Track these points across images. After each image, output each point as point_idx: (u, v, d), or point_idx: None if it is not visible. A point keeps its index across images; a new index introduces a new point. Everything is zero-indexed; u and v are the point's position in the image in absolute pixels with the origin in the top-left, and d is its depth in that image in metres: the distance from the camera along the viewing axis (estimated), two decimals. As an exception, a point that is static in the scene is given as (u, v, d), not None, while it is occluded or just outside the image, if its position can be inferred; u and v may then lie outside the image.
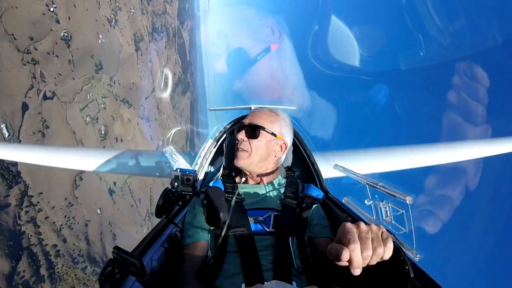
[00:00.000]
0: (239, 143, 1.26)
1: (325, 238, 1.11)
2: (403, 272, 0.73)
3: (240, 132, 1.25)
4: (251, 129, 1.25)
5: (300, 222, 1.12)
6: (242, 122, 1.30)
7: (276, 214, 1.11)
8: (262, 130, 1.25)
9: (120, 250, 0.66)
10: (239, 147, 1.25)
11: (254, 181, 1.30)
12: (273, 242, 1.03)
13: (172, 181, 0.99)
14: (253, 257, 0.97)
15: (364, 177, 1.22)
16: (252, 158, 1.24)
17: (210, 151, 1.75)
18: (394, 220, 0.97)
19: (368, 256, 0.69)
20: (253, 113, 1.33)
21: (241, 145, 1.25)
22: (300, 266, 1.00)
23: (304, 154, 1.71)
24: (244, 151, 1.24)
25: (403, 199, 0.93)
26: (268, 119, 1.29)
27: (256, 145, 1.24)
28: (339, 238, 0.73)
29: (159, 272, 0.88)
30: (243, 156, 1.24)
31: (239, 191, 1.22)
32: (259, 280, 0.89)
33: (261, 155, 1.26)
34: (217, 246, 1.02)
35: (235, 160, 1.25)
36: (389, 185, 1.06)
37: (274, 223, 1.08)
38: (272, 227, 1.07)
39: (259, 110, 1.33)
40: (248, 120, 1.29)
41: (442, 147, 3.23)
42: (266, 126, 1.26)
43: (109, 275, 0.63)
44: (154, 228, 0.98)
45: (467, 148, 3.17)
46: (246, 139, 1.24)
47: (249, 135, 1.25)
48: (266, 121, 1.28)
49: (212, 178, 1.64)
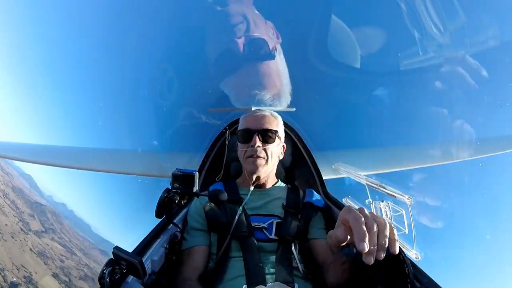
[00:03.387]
0: (255, 150, 1.21)
1: (321, 239, 1.12)
2: (403, 272, 0.73)
3: (254, 139, 1.21)
4: (266, 134, 1.23)
5: (302, 230, 1.12)
6: (250, 128, 1.25)
7: (278, 221, 1.11)
8: (276, 134, 1.25)
9: (120, 250, 0.66)
10: (256, 155, 1.21)
11: (257, 185, 1.29)
12: (276, 248, 1.03)
13: (172, 181, 0.99)
14: (256, 261, 0.96)
15: (364, 177, 1.22)
16: (269, 164, 1.24)
17: (211, 152, 1.75)
18: (394, 220, 0.97)
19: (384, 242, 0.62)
20: (257, 117, 1.29)
21: (258, 152, 1.21)
22: (304, 270, 1.00)
23: (304, 154, 1.71)
24: (261, 158, 1.21)
25: (403, 199, 0.93)
26: (274, 122, 1.29)
27: (271, 150, 1.24)
28: (344, 221, 0.65)
29: (159, 272, 0.88)
30: (262, 163, 1.21)
31: (241, 195, 1.21)
32: (261, 282, 0.89)
33: (275, 160, 1.27)
34: (220, 251, 1.02)
35: (253, 169, 1.21)
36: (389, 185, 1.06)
37: (277, 230, 1.08)
38: (275, 234, 1.07)
39: (262, 114, 1.31)
40: (257, 125, 1.25)
41: (441, 147, 3.23)
42: (277, 130, 1.27)
43: (109, 275, 0.63)
44: (154, 228, 0.98)
45: (466, 148, 3.18)
46: (261, 145, 1.21)
47: (264, 141, 1.22)
48: (273, 125, 1.28)
49: (212, 178, 1.64)
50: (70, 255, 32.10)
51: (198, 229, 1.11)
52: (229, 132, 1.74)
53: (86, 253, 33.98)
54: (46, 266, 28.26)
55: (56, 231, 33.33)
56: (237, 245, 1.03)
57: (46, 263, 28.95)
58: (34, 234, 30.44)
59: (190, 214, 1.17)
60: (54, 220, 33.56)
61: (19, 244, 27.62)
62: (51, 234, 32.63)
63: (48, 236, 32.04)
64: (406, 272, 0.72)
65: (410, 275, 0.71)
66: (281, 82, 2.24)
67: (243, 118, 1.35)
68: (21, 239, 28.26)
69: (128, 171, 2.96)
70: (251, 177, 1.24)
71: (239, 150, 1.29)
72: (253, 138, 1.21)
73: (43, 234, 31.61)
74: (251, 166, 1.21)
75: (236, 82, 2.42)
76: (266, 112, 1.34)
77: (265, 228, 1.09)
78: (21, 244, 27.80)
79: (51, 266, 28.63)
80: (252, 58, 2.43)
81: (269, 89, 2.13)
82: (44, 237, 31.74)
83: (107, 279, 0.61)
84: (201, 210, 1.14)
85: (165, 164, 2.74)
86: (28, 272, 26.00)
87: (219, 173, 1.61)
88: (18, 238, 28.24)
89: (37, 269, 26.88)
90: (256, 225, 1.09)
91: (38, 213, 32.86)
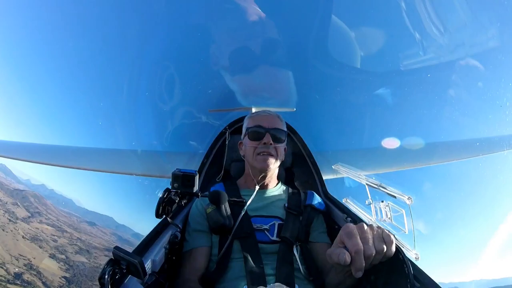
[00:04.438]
0: (266, 147, 1.22)
1: (322, 243, 1.12)
2: (402, 272, 0.73)
3: (266, 137, 1.23)
4: (277, 133, 1.25)
5: (303, 232, 1.12)
6: (262, 125, 1.26)
7: (280, 222, 1.12)
8: (285, 135, 1.29)
9: (121, 250, 0.66)
10: (266, 151, 1.22)
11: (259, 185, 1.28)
12: (277, 250, 1.03)
13: (172, 181, 0.99)
14: (257, 262, 0.97)
15: (364, 177, 1.22)
16: (277, 162, 1.26)
17: (211, 152, 1.75)
18: (394, 220, 0.97)
19: (370, 256, 0.68)
20: (268, 117, 1.31)
21: (269, 149, 1.23)
22: (306, 272, 1.00)
23: (304, 154, 1.71)
24: (272, 156, 1.23)
25: (403, 199, 0.93)
26: (282, 123, 1.33)
27: (280, 149, 1.26)
28: (341, 239, 0.72)
29: (159, 272, 0.88)
30: (272, 161, 1.23)
31: (243, 196, 1.21)
32: (261, 283, 0.89)
33: (280, 160, 1.29)
34: (221, 252, 1.02)
35: (263, 166, 1.22)
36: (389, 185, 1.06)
37: (279, 232, 1.09)
38: (277, 236, 1.08)
39: (270, 114, 1.33)
40: (269, 124, 1.27)
41: (441, 146, 3.23)
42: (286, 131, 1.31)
43: (109, 275, 0.63)
44: (155, 229, 0.98)
45: (466, 147, 3.18)
46: (272, 144, 1.23)
47: (275, 139, 1.24)
48: (282, 125, 1.31)
49: (213, 178, 1.64)
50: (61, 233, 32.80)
51: (200, 231, 1.11)
52: (229, 132, 1.74)
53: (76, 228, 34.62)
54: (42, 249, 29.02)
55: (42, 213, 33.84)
56: (238, 246, 1.03)
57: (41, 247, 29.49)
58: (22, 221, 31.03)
59: (191, 216, 1.17)
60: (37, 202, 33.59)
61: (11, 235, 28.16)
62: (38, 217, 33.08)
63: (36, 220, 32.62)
64: (406, 272, 0.72)
65: (410, 275, 0.71)
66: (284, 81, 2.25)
67: (251, 118, 1.35)
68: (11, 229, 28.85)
69: (128, 171, 2.96)
70: (258, 176, 1.25)
71: (248, 147, 1.27)
72: (266, 136, 1.23)
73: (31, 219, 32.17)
74: (261, 163, 1.22)
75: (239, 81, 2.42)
76: (271, 112, 1.36)
77: (267, 229, 1.09)
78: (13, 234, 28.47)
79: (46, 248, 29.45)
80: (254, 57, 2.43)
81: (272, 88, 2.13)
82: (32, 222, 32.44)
83: (107, 279, 0.61)
84: (202, 212, 1.14)
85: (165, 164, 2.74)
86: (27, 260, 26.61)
87: (219, 173, 1.60)
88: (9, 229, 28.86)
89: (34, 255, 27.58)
90: (258, 226, 1.09)
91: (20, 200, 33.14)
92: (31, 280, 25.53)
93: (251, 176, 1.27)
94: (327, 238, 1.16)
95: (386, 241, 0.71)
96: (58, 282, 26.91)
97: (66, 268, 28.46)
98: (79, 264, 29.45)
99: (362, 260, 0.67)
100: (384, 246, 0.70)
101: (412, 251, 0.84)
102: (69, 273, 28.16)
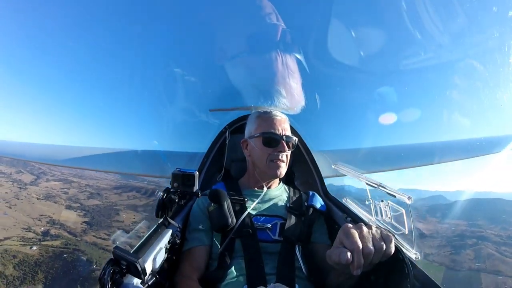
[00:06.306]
0: (279, 155, 1.23)
1: (323, 244, 1.13)
2: (402, 272, 0.73)
3: (281, 145, 1.23)
4: (290, 140, 1.27)
5: (306, 232, 1.13)
6: (277, 132, 1.25)
7: (282, 222, 1.12)
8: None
9: (120, 250, 0.66)
10: (280, 159, 1.24)
11: (261, 186, 1.29)
12: (279, 249, 1.04)
13: (172, 181, 0.99)
14: (258, 262, 0.97)
15: (364, 177, 1.22)
16: (286, 167, 1.29)
17: (211, 151, 1.75)
18: (394, 220, 0.97)
19: (369, 254, 0.69)
20: (280, 122, 1.30)
21: (283, 157, 1.25)
22: (307, 272, 1.00)
23: (303, 153, 1.71)
24: (284, 162, 1.26)
25: (403, 199, 0.93)
26: (289, 126, 1.34)
27: (289, 155, 1.29)
28: (340, 239, 0.73)
29: (159, 272, 0.88)
30: (284, 168, 1.26)
31: (245, 195, 1.22)
32: (261, 283, 0.89)
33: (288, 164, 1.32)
34: (222, 251, 1.02)
35: (276, 173, 1.23)
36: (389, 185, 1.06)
37: (281, 231, 1.09)
38: (279, 235, 1.08)
39: (281, 118, 1.32)
40: (282, 131, 1.27)
41: (441, 146, 3.23)
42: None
43: (109, 274, 0.63)
44: (155, 228, 0.98)
45: (466, 147, 3.17)
46: (287, 151, 1.25)
47: (289, 147, 1.26)
48: (290, 130, 1.33)
49: (213, 178, 1.64)
50: (69, 184, 34.88)
51: (201, 230, 1.11)
52: (229, 132, 1.73)
53: (81, 176, 36.35)
54: (57, 204, 31.52)
55: (46, 172, 35.65)
56: (240, 245, 1.03)
57: (56, 202, 31.43)
58: (31, 185, 32.81)
59: (193, 214, 1.17)
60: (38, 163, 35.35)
61: (26, 200, 30.12)
62: (44, 177, 34.79)
63: (42, 180, 34.49)
64: (406, 272, 0.72)
65: (410, 275, 0.72)
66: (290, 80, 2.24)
67: (261, 118, 1.32)
68: (24, 196, 30.76)
69: (128, 171, 2.96)
70: (266, 179, 1.27)
71: (259, 152, 1.26)
72: (281, 144, 1.23)
73: (38, 180, 34.12)
74: (274, 170, 1.23)
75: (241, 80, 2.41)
76: (282, 115, 1.35)
77: (269, 228, 1.09)
78: (27, 199, 30.22)
79: (61, 202, 31.91)
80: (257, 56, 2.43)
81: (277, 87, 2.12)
82: (40, 183, 33.92)
83: (107, 279, 0.61)
84: (204, 210, 1.14)
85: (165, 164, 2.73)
86: (48, 217, 28.98)
87: (219, 173, 1.61)
88: (22, 196, 30.63)
89: (52, 211, 29.93)
90: (260, 225, 1.10)
91: (22, 166, 34.35)
92: (58, 233, 27.98)
93: (257, 177, 1.28)
94: (328, 240, 1.17)
95: (385, 240, 0.72)
96: (80, 227, 29.26)
97: (83, 213, 30.92)
98: (94, 207, 31.98)
99: (361, 258, 0.68)
100: (383, 245, 0.71)
101: (412, 251, 0.84)
102: (87, 217, 30.42)
